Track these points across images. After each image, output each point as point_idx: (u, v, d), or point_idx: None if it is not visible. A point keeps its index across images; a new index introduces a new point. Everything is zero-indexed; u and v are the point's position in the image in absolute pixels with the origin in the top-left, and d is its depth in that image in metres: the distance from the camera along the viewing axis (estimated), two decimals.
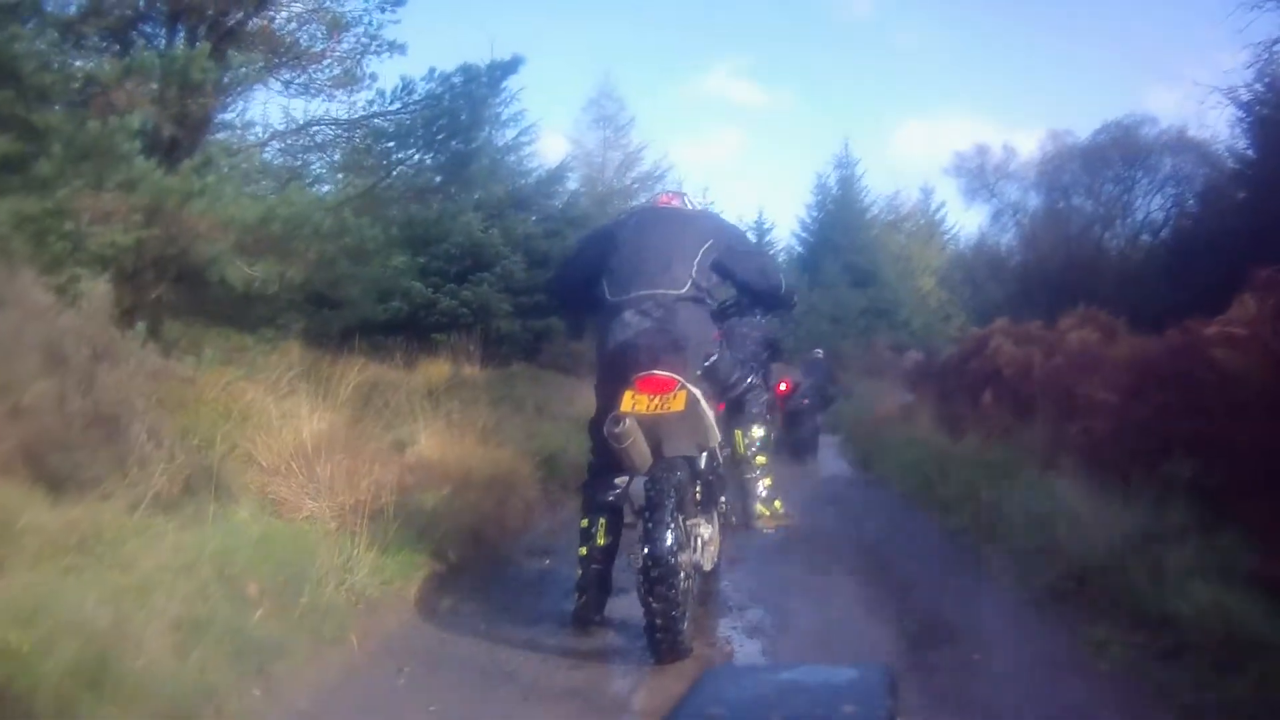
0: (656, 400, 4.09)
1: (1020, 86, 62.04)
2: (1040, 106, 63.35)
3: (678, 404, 4.08)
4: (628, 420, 4.05)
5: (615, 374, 4.23)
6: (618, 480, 4.38)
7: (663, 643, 3.89)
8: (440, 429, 6.90)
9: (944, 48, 61.39)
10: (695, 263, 4.40)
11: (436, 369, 11.45)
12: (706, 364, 4.37)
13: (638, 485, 4.29)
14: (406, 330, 13.37)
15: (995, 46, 61.65)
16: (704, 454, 4.41)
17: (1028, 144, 59.72)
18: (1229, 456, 4.83)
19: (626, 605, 4.64)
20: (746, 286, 4.84)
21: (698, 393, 4.14)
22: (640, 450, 4.12)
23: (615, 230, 4.73)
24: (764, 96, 60.81)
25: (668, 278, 4.35)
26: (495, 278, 15.17)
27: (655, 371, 4.11)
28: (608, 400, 4.26)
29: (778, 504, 4.67)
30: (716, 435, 4.30)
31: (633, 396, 4.09)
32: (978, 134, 79.29)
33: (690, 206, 4.96)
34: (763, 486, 4.65)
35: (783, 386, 12.30)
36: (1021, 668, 3.93)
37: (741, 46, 65.18)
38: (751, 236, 29.68)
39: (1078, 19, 56.85)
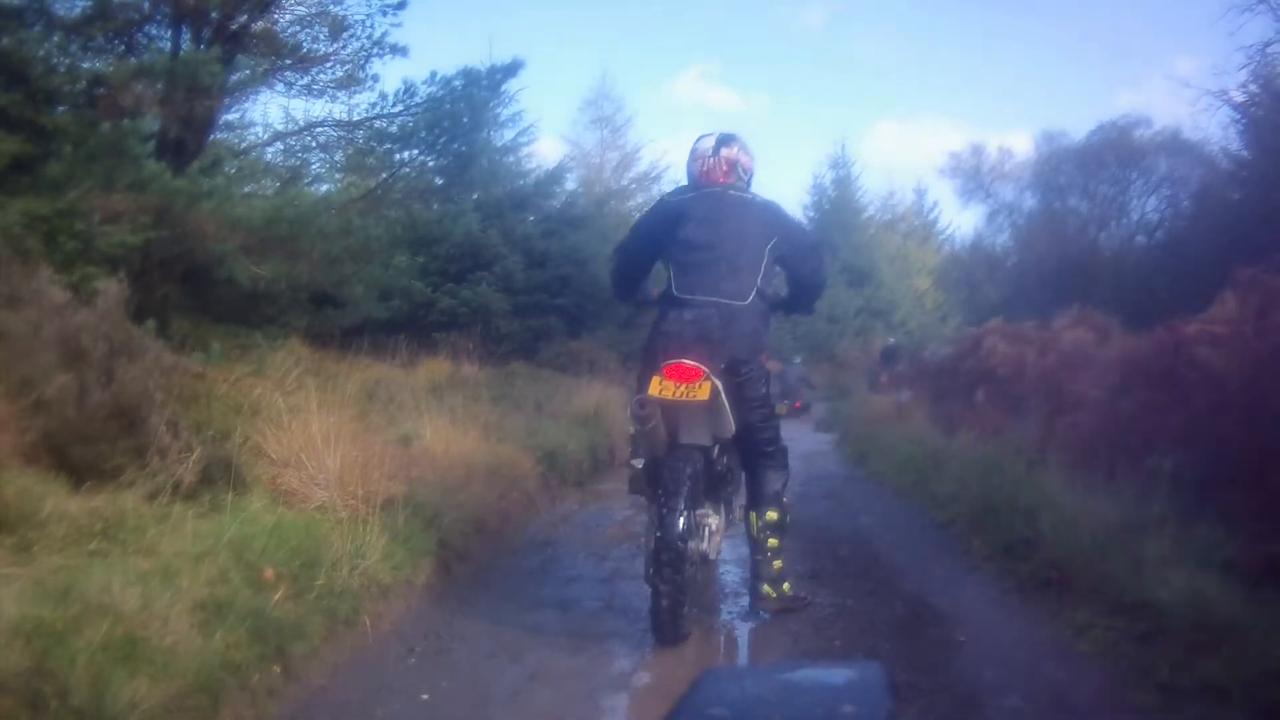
0: (682, 388, 4.19)
1: (996, 89, 62.98)
2: (1023, 110, 64.34)
3: (702, 393, 4.18)
4: (651, 405, 4.19)
5: (652, 360, 4.34)
6: (633, 462, 4.52)
7: (665, 626, 4.04)
8: (443, 425, 7.02)
9: (905, 53, 62.94)
10: (762, 266, 4.47)
11: (437, 367, 11.56)
12: (742, 369, 4.40)
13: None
14: (407, 329, 13.47)
15: (966, 50, 62.70)
16: (716, 444, 4.51)
17: (1018, 145, 60.21)
18: (1209, 450, 4.98)
19: (629, 590, 4.83)
20: (798, 283, 4.89)
21: (720, 384, 4.23)
22: (659, 435, 4.26)
23: (681, 218, 4.60)
24: (740, 101, 61.52)
25: (734, 286, 4.41)
26: (494, 277, 15.29)
27: (684, 360, 4.21)
28: (643, 384, 4.35)
29: (786, 586, 4.53)
30: (732, 427, 4.35)
31: (660, 382, 4.21)
32: (959, 137, 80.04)
33: (746, 175, 4.78)
34: (773, 569, 4.52)
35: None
36: (1005, 649, 4.10)
37: (709, 53, 66.32)
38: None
39: (1055, 21, 57.45)
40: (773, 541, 4.50)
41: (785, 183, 73.35)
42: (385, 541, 4.58)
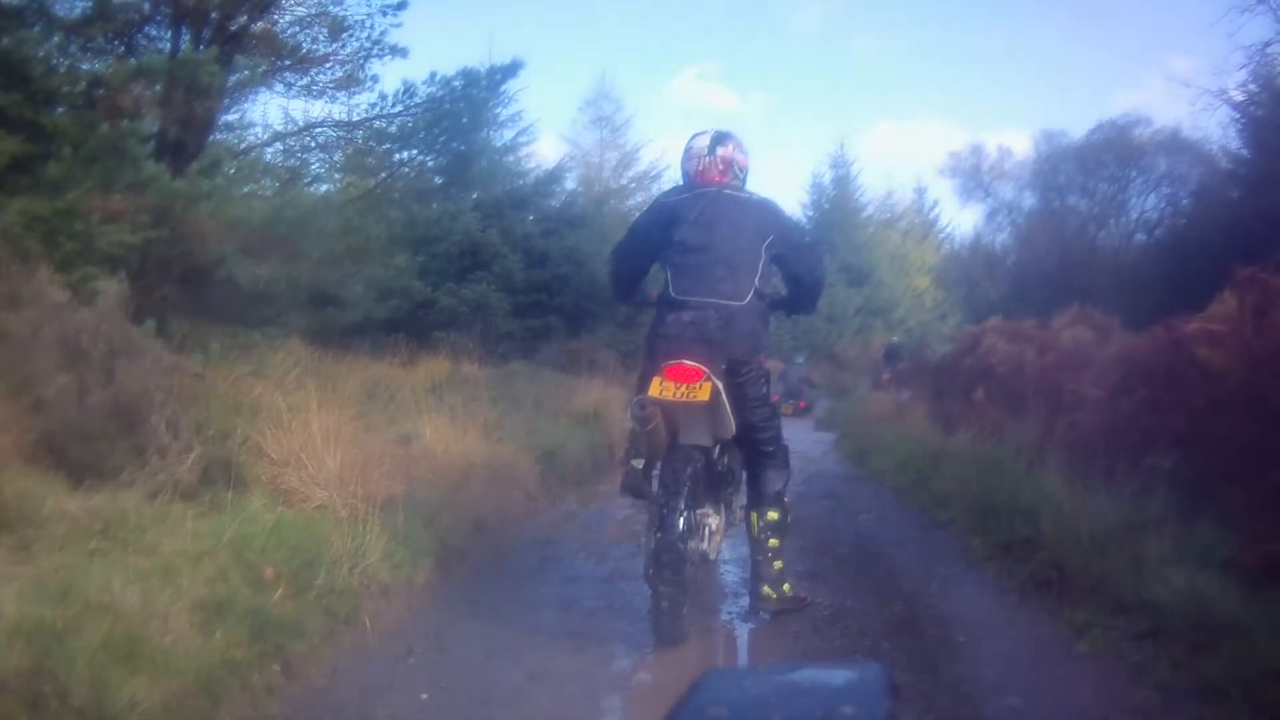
0: (683, 389, 4.17)
1: (995, 89, 63.30)
2: (1022, 110, 64.74)
3: (703, 394, 4.15)
4: (651, 406, 4.18)
5: (653, 361, 4.33)
6: (633, 462, 4.51)
7: (665, 627, 4.04)
8: (443, 424, 7.03)
9: (904, 52, 63.40)
10: (760, 266, 4.43)
11: (436, 366, 11.57)
12: (742, 368, 4.39)
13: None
14: (406, 328, 13.50)
15: (964, 50, 62.99)
16: (716, 445, 4.49)
17: (1018, 144, 60.43)
18: (1208, 449, 4.99)
19: (629, 590, 4.83)
20: (796, 281, 4.82)
21: (720, 385, 4.20)
22: (660, 436, 4.24)
23: (677, 219, 4.54)
24: (738, 101, 61.57)
25: (731, 286, 4.37)
26: (494, 277, 15.31)
27: (684, 361, 4.19)
28: (643, 385, 4.34)
29: (786, 586, 4.48)
30: (732, 427, 4.32)
31: (660, 383, 4.19)
32: (958, 136, 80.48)
33: (742, 173, 4.72)
34: (773, 569, 4.47)
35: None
36: (1005, 648, 4.10)
37: (706, 53, 66.56)
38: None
39: (1055, 21, 57.70)
40: (773, 542, 4.48)
41: (783, 183, 73.52)
42: (385, 541, 4.58)
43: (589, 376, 12.72)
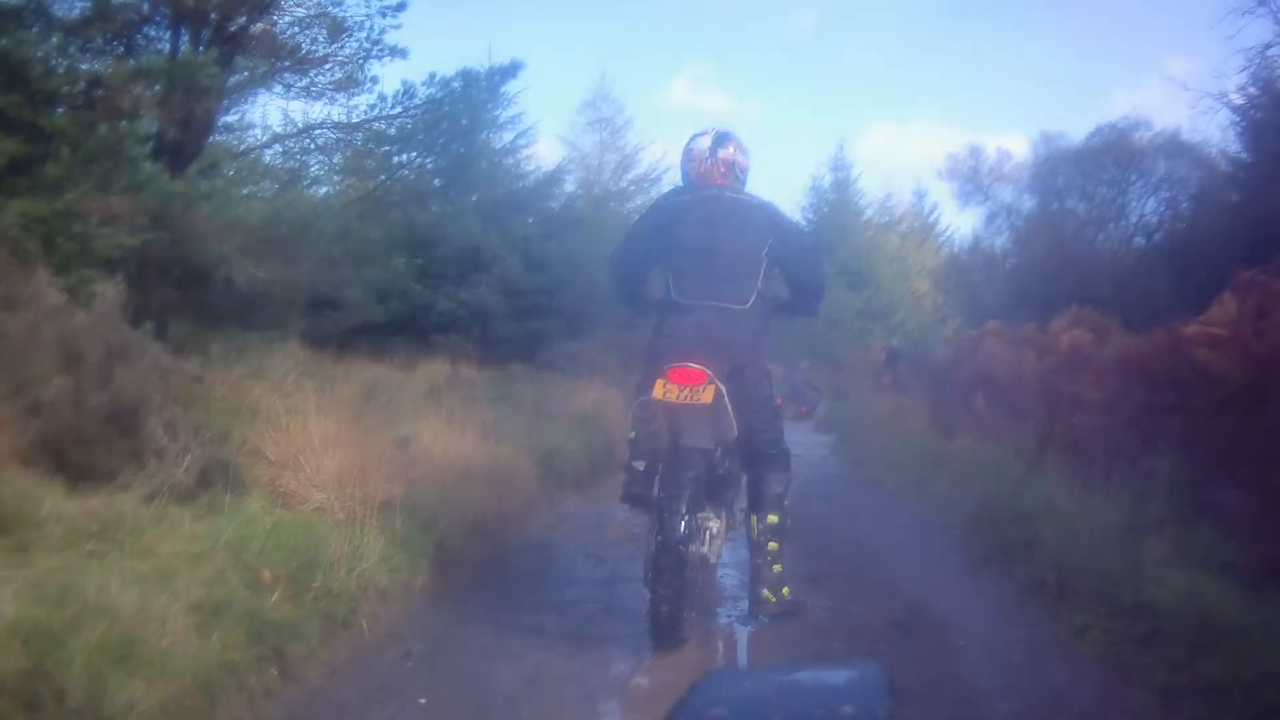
0: (687, 391, 4.17)
1: (993, 92, 63.42)
2: (1020, 113, 64.91)
3: (706, 397, 4.16)
4: (654, 408, 4.19)
5: (656, 364, 4.34)
6: (634, 464, 4.49)
7: (664, 630, 4.03)
8: (441, 426, 7.01)
9: (900, 55, 63.53)
10: (761, 270, 4.45)
11: (435, 369, 11.56)
12: (745, 371, 4.39)
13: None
14: (405, 331, 13.49)
15: (961, 53, 63.04)
16: (718, 448, 4.47)
17: (1016, 147, 60.45)
18: (1207, 451, 4.99)
19: (628, 593, 4.82)
20: (798, 285, 4.79)
21: (723, 388, 4.20)
22: (662, 438, 4.24)
23: (678, 221, 4.57)
24: (734, 105, 61.35)
25: (734, 289, 4.39)
26: (493, 279, 15.26)
27: (689, 364, 4.19)
28: (646, 387, 4.34)
29: (785, 590, 4.45)
30: (734, 430, 4.30)
31: (664, 385, 4.19)
32: (956, 139, 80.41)
33: (742, 175, 4.74)
34: (773, 572, 4.44)
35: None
36: (1004, 651, 4.09)
37: (702, 57, 66.53)
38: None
39: (1052, 23, 57.84)
40: (773, 545, 4.46)
41: (780, 186, 73.22)
42: (383, 543, 4.57)
43: (588, 379, 12.70)
